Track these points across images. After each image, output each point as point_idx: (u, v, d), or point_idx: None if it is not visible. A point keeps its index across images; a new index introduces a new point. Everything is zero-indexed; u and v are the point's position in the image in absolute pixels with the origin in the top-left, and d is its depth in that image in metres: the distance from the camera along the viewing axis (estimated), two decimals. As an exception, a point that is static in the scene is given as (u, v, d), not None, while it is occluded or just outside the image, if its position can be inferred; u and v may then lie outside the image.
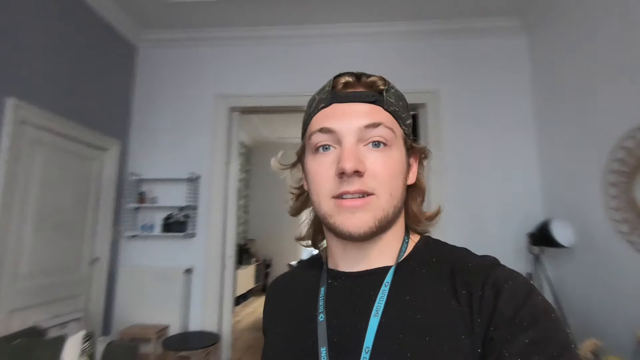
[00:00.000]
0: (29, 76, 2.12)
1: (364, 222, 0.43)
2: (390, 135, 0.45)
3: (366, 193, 0.43)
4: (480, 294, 0.40)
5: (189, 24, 3.01)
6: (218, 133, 3.02)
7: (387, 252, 0.48)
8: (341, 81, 0.47)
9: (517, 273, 0.42)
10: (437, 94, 2.89)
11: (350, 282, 0.48)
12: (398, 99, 0.49)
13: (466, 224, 2.70)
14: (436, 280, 0.44)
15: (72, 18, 2.44)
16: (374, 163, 0.44)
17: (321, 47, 3.03)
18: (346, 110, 0.46)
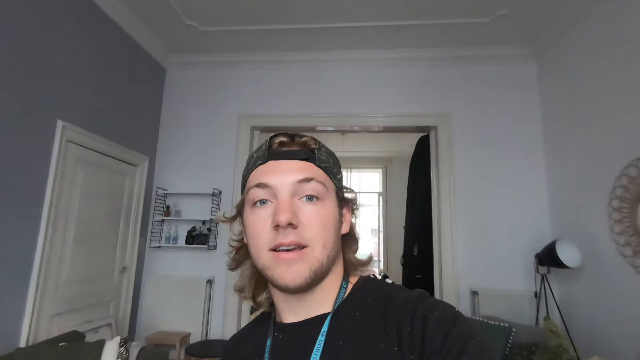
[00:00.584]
0: (74, 100, 2.33)
1: (300, 273, 0.45)
2: (322, 189, 0.48)
3: (300, 245, 0.45)
4: (409, 330, 0.42)
5: (215, 48, 3.22)
6: (240, 151, 3.20)
7: (326, 299, 0.50)
8: (276, 141, 0.51)
9: (443, 302, 0.45)
10: (448, 117, 3.04)
11: (293, 333, 0.50)
12: (329, 156, 0.53)
13: (476, 244, 2.81)
14: (368, 322, 0.46)
15: (110, 45, 2.66)
16: (307, 216, 0.46)
17: (337, 72, 3.22)
18: (281, 167, 0.48)
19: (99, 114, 2.56)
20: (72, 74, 2.32)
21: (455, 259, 2.83)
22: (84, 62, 2.41)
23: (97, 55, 2.53)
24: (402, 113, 3.11)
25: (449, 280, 2.83)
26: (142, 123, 3.07)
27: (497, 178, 2.89)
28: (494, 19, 2.65)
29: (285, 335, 0.51)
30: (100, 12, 2.53)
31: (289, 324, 0.51)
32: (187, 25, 2.87)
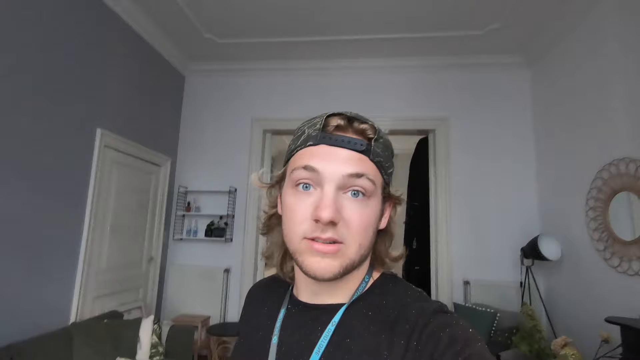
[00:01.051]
0: (109, 109, 2.64)
1: (330, 268, 0.44)
2: (370, 186, 0.46)
3: (336, 241, 0.44)
4: (415, 344, 0.41)
5: (230, 58, 3.50)
6: (253, 152, 3.49)
7: (345, 290, 0.50)
8: (332, 122, 0.47)
9: (457, 319, 0.43)
10: (446, 121, 3.28)
11: (306, 313, 0.50)
12: (385, 149, 0.50)
13: (469, 238, 3.07)
14: (378, 325, 0.45)
15: (138, 58, 2.95)
16: (350, 213, 0.44)
17: (343, 78, 3.47)
18: (333, 154, 0.45)
19: (129, 120, 2.87)
20: (107, 86, 2.62)
21: (449, 251, 3.10)
22: (116, 75, 2.71)
23: (127, 68, 2.82)
24: (403, 117, 3.36)
25: (443, 271, 3.09)
26: (164, 127, 3.38)
27: (490, 178, 3.13)
28: (486, 32, 2.87)
29: (298, 312, 0.51)
30: (129, 28, 2.82)
31: (304, 303, 0.51)
32: (205, 38, 3.16)
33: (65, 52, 2.22)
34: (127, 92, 2.84)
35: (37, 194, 2.02)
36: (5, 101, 1.83)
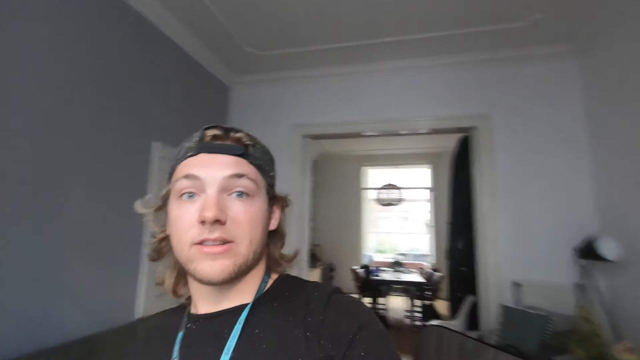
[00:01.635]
0: (162, 123, 2.89)
1: (224, 268, 0.45)
2: (253, 186, 0.48)
3: (226, 241, 0.45)
4: (321, 318, 0.46)
5: (270, 68, 3.67)
6: (293, 156, 3.62)
7: (247, 291, 0.51)
8: (209, 133, 0.50)
9: (351, 297, 0.51)
10: (488, 117, 3.17)
11: (208, 323, 0.50)
12: (263, 154, 0.54)
13: (517, 238, 2.94)
14: (286, 311, 0.48)
15: (186, 73, 3.20)
16: (236, 212, 0.46)
17: (380, 80, 3.49)
18: (212, 160, 0.48)
19: (180, 133, 3.11)
20: (159, 101, 2.87)
21: (497, 252, 2.99)
22: (166, 90, 2.96)
23: (176, 83, 3.07)
24: (444, 116, 3.30)
25: (491, 272, 2.99)
26: (212, 137, 3.61)
27: (539, 174, 2.98)
28: (528, 23, 2.75)
29: (200, 326, 0.51)
30: (178, 47, 3.06)
31: (205, 315, 0.51)
32: (246, 52, 3.35)
33: (120, 71, 2.48)
34: (177, 105, 3.09)
35: (105, 203, 2.28)
36: (71, 120, 2.10)
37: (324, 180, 7.86)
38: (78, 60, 2.11)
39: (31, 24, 1.82)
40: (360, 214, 7.83)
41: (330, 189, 7.84)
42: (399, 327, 4.75)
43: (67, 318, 1.97)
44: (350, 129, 3.55)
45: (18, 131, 1.74)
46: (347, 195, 7.83)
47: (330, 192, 7.83)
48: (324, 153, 7.74)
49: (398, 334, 4.46)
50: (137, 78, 2.62)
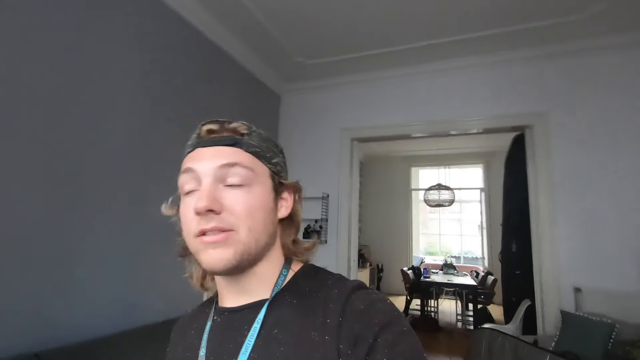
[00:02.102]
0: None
1: (224, 256, 0.45)
2: (248, 174, 0.48)
3: (224, 229, 0.45)
4: (341, 320, 0.43)
5: (319, 75, 3.83)
6: (342, 160, 3.75)
7: (265, 285, 0.51)
8: (204, 129, 0.52)
9: (377, 294, 0.46)
10: (545, 115, 3.05)
11: (231, 318, 0.51)
12: (262, 141, 0.53)
13: (579, 241, 2.80)
14: (305, 311, 0.46)
15: (241, 83, 3.47)
16: (231, 201, 0.46)
17: (428, 81, 3.50)
18: (206, 153, 0.49)
19: (238, 140, 3.39)
20: (217, 111, 3.15)
21: (556, 255, 2.86)
22: (223, 101, 3.24)
23: (231, 93, 3.34)
24: (497, 114, 3.23)
25: (549, 276, 2.87)
26: (266, 142, 3.87)
27: (604, 172, 2.80)
28: (589, 15, 2.61)
29: (224, 320, 0.52)
30: (232, 60, 3.32)
31: (228, 309, 0.52)
32: (296, 61, 3.54)
33: (186, 88, 2.78)
34: (234, 115, 3.37)
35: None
36: (154, 137, 2.41)
37: (372, 182, 7.90)
38: (155, 81, 2.43)
39: (120, 55, 2.15)
40: (410, 215, 7.74)
41: (378, 190, 7.85)
42: (450, 330, 4.67)
43: (152, 303, 2.28)
44: (399, 131, 3.59)
45: (117, 151, 2.07)
46: (396, 196, 7.79)
47: (378, 193, 7.84)
48: (372, 154, 7.78)
49: (449, 337, 4.39)
50: (201, 92, 2.92)
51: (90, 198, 1.94)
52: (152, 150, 2.36)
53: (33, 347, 1.64)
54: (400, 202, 7.76)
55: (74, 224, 1.85)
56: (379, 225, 7.72)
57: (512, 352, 2.50)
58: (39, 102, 1.72)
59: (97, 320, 1.94)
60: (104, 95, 2.04)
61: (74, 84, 1.88)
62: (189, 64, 2.74)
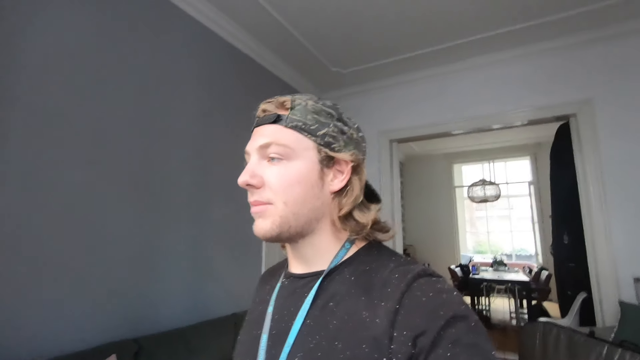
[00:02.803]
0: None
1: (263, 226, 0.50)
2: (285, 150, 0.50)
3: (261, 203, 0.49)
4: (397, 308, 0.41)
5: (355, 82, 4.00)
6: (382, 161, 3.88)
7: (325, 257, 0.52)
8: (261, 108, 0.55)
9: (442, 282, 0.43)
10: (590, 102, 2.97)
11: (295, 282, 0.54)
12: (306, 113, 0.52)
13: (637, 229, 2.70)
14: (360, 289, 0.46)
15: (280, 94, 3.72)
16: (269, 176, 0.50)
17: (464, 78, 3.54)
18: (255, 134, 0.54)
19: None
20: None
21: (612, 246, 2.78)
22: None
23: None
24: (539, 105, 3.19)
25: (605, 267, 2.79)
26: (308, 149, 4.09)
27: (658, 159, 2.69)
28: (630, -3, 2.55)
29: (289, 283, 0.56)
30: (272, 75, 3.56)
31: (293, 274, 0.56)
32: (333, 71, 3.75)
33: (229, 101, 3.07)
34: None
35: (234, 206, 2.83)
36: (210, 146, 2.71)
37: (413, 181, 7.87)
38: (207, 104, 2.74)
39: (181, 89, 2.47)
40: (454, 213, 7.61)
41: (420, 189, 7.81)
42: (504, 327, 4.57)
43: (219, 299, 2.56)
44: (438, 130, 3.66)
45: (183, 168, 2.39)
46: (438, 194, 7.70)
47: (420, 192, 7.80)
48: (412, 154, 7.77)
49: (502, 333, 4.31)
50: (243, 106, 3.19)
51: (165, 208, 2.25)
52: (209, 164, 2.66)
53: (131, 333, 1.96)
54: (444, 201, 7.65)
55: (155, 229, 2.17)
56: (423, 225, 7.66)
57: (567, 343, 2.47)
58: (129, 139, 2.06)
59: (177, 312, 2.25)
60: (170, 125, 2.36)
61: (150, 120, 2.22)
62: (232, 81, 3.02)
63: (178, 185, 2.35)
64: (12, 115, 1.58)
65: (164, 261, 2.21)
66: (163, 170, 2.27)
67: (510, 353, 3.54)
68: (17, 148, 1.59)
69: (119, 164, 2.01)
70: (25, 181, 1.60)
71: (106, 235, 1.91)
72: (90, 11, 1.92)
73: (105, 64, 1.99)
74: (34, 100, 1.66)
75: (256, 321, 0.56)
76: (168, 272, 2.24)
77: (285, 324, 0.50)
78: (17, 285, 1.55)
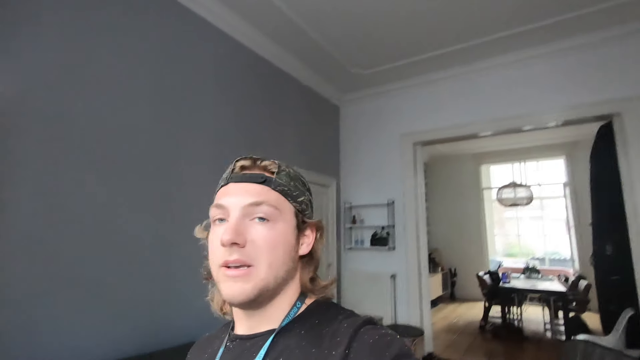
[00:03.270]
0: (289, 146, 3.36)
1: (243, 290, 0.48)
2: (273, 212, 0.50)
3: (245, 263, 0.48)
4: (347, 353, 0.44)
5: (376, 83, 3.86)
6: (404, 166, 3.72)
7: (276, 316, 0.52)
8: (238, 164, 0.54)
9: (386, 329, 0.47)
10: (635, 100, 2.71)
11: (241, 346, 0.53)
12: (289, 180, 0.55)
13: (691, 240, 2.43)
14: (312, 341, 0.48)
15: (301, 100, 3.62)
16: (255, 235, 0.49)
17: (493, 77, 3.33)
18: (237, 189, 0.52)
19: (303, 152, 3.55)
20: (281, 125, 3.35)
21: (661, 258, 2.52)
22: (289, 118, 3.43)
23: (294, 108, 3.51)
24: (577, 104, 2.95)
25: (655, 282, 2.53)
26: (328, 153, 4.00)
27: None
28: (684, -18, 2.29)
29: (235, 347, 0.54)
30: (290, 77, 3.48)
31: (239, 336, 0.54)
32: (353, 73, 3.63)
33: (248, 106, 3.02)
34: (299, 129, 3.54)
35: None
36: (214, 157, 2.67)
37: (439, 183, 7.61)
38: (226, 109, 2.70)
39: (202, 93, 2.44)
40: (483, 215, 7.29)
41: (446, 190, 7.54)
42: (538, 340, 4.29)
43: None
44: (464, 132, 3.46)
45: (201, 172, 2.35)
46: (465, 196, 7.39)
47: (445, 195, 7.53)
48: (437, 154, 7.51)
49: (536, 347, 4.04)
50: (264, 111, 3.14)
51: (182, 219, 2.22)
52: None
53: (147, 348, 1.93)
54: (471, 202, 7.34)
55: (171, 238, 2.15)
56: (449, 228, 7.39)
57: (613, 367, 2.24)
58: (145, 145, 2.04)
59: (193, 325, 2.21)
60: (191, 128, 2.33)
61: (168, 128, 2.19)
62: (252, 86, 2.97)
63: (196, 196, 2.32)
64: (25, 121, 1.58)
65: (180, 272, 2.18)
66: (180, 179, 2.24)
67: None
68: (35, 154, 1.59)
69: (136, 171, 2.00)
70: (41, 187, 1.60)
71: (122, 245, 1.90)
72: (107, 15, 1.91)
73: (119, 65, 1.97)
74: (46, 101, 1.66)
75: None
76: (184, 283, 2.20)
77: None
78: (35, 294, 1.55)
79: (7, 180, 1.52)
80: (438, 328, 4.86)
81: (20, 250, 1.53)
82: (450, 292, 7.08)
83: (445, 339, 4.34)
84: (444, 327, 4.94)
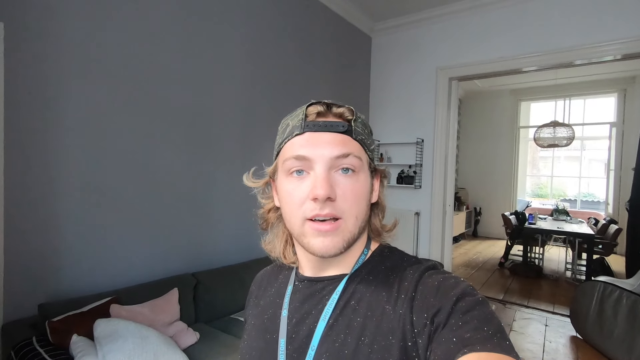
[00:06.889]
0: (319, 80, 3.27)
1: (335, 244, 0.48)
2: (358, 163, 0.49)
3: (335, 217, 0.48)
4: (413, 295, 0.46)
5: (411, 9, 3.52)
6: (438, 102, 3.55)
7: (347, 262, 0.54)
8: (313, 111, 0.50)
9: (449, 273, 0.48)
10: None
11: (312, 286, 0.55)
12: (364, 127, 0.53)
13: None
14: (380, 286, 0.50)
15: (333, 29, 3.40)
16: (344, 189, 0.48)
17: (545, 5, 2.95)
18: (319, 140, 0.49)
19: (332, 87, 3.45)
20: (314, 57, 3.22)
21: None
22: (320, 51, 3.27)
23: (325, 39, 3.32)
24: (638, 35, 2.61)
25: (693, 231, 2.46)
26: (358, 87, 3.86)
27: None
28: None
29: (305, 286, 0.56)
30: (319, 4, 3.24)
31: (309, 277, 0.56)
32: (388, -3, 3.30)
33: (279, 39, 2.89)
34: (327, 63, 3.40)
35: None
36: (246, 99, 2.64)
37: (472, 119, 7.28)
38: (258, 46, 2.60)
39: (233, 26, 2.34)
40: (516, 155, 7.02)
41: (477, 128, 7.23)
42: (557, 279, 4.39)
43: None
44: (506, 66, 3.20)
45: (233, 117, 2.37)
46: (499, 134, 7.06)
47: (477, 133, 7.23)
48: (473, 90, 7.05)
49: (554, 285, 4.15)
50: (299, 47, 3.01)
51: (217, 152, 2.33)
52: (258, 112, 2.61)
53: (189, 269, 2.17)
54: (504, 141, 7.02)
55: (207, 172, 2.29)
56: (479, 167, 7.23)
57: (630, 309, 2.31)
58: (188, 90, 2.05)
59: (230, 251, 2.43)
60: (219, 66, 2.30)
61: (199, 65, 2.16)
62: (281, 18, 2.81)
63: (229, 130, 2.40)
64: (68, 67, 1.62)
65: (217, 204, 2.34)
66: (214, 116, 2.30)
67: (560, 307, 3.43)
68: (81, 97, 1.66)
69: (172, 110, 2.07)
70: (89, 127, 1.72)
71: (170, 181, 2.08)
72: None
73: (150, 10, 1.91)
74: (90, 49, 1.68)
75: (266, 326, 0.56)
76: (221, 214, 2.37)
77: (306, 328, 0.51)
78: (90, 228, 1.76)
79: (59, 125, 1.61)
80: (457, 263, 5.05)
81: (83, 192, 1.68)
82: (473, 229, 7.19)
83: (463, 273, 4.53)
84: (463, 262, 5.13)
